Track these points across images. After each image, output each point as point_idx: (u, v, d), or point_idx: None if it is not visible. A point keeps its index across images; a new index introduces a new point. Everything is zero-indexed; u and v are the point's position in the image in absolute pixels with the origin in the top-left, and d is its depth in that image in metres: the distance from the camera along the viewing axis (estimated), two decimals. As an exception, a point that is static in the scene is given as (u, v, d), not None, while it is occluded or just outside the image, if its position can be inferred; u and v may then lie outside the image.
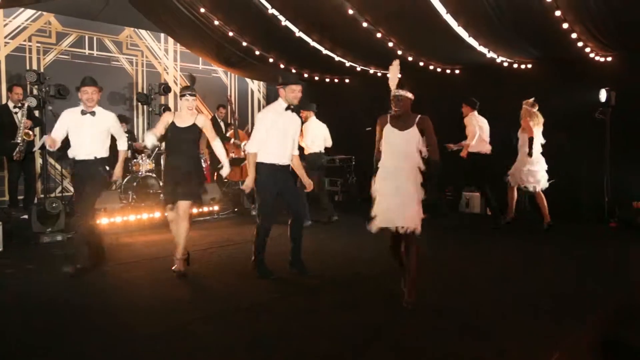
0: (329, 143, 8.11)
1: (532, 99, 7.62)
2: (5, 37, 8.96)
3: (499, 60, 8.59)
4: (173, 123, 5.10)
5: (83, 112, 5.38)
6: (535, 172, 7.51)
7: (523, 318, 3.99)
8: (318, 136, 7.91)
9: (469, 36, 7.76)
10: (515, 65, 8.75)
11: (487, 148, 7.69)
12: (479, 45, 8.03)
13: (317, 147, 7.90)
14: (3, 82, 8.87)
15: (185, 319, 3.95)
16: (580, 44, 7.30)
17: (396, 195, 4.14)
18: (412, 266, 4.19)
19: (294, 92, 5.05)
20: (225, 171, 5.31)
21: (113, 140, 5.71)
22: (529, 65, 8.68)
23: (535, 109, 7.58)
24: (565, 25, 6.79)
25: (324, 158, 8.20)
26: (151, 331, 3.69)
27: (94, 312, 4.11)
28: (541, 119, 7.56)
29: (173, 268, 5.11)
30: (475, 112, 7.74)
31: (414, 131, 4.22)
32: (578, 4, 6.36)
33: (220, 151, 5.35)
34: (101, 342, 3.52)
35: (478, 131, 7.58)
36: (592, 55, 7.76)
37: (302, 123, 6.56)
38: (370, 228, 4.22)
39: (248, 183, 5.04)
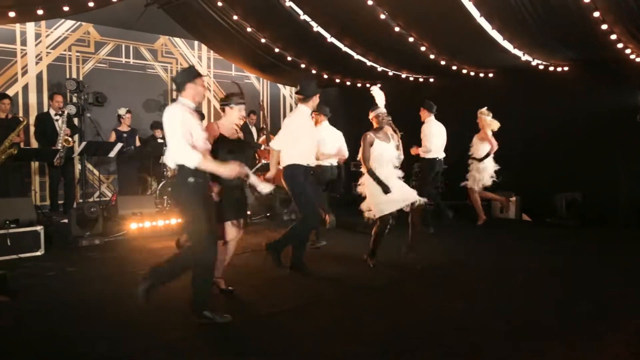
0: (344, 153, 6.80)
1: (485, 108, 7.85)
2: (47, 47, 9.26)
3: (534, 63, 8.44)
4: (222, 135, 4.52)
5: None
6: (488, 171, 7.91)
7: (564, 325, 3.89)
8: (328, 145, 6.67)
9: (504, 39, 7.65)
10: (551, 68, 8.58)
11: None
12: (514, 48, 7.90)
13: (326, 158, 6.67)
14: (45, 90, 9.17)
15: (213, 324, 3.95)
16: (620, 45, 7.11)
17: (400, 188, 5.38)
18: (417, 226, 5.47)
19: (315, 100, 5.41)
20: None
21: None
22: (566, 68, 8.50)
23: (490, 117, 7.80)
24: (604, 27, 6.63)
25: (333, 171, 6.97)
26: (183, 334, 3.74)
27: (128, 314, 4.18)
28: (497, 125, 7.81)
29: None
30: (432, 117, 7.58)
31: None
32: (618, 5, 6.20)
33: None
34: (135, 343, 3.59)
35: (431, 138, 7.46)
36: (632, 56, 7.55)
37: None
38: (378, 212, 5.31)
39: (270, 176, 5.15)
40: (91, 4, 7.60)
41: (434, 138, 7.46)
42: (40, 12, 7.40)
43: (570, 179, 8.28)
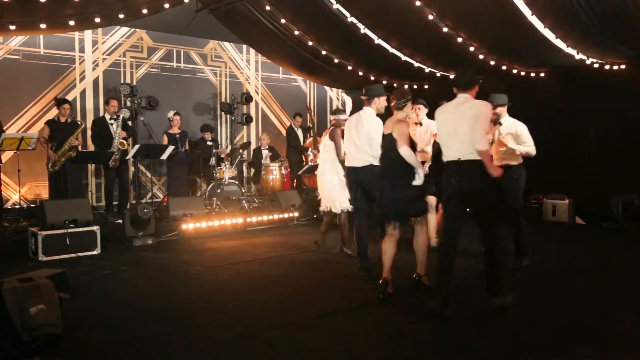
0: None
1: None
2: (103, 54, 9.63)
3: (588, 61, 8.15)
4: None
5: None
6: None
7: (604, 336, 3.76)
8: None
9: (556, 38, 7.43)
10: (607, 67, 8.27)
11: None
12: (567, 46, 7.67)
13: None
14: (101, 95, 9.54)
15: (265, 323, 4.05)
16: (681, 42, 6.80)
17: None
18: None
19: (382, 102, 5.37)
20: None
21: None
22: (622, 66, 8.17)
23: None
24: (663, 23, 6.36)
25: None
26: (231, 334, 3.82)
27: (180, 314, 4.31)
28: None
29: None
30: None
31: None
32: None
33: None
34: (182, 342, 3.68)
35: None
36: (695, 53, 7.20)
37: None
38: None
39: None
40: (145, 11, 7.87)
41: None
42: (97, 20, 7.72)
43: (628, 181, 7.97)
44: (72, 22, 7.54)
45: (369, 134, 5.24)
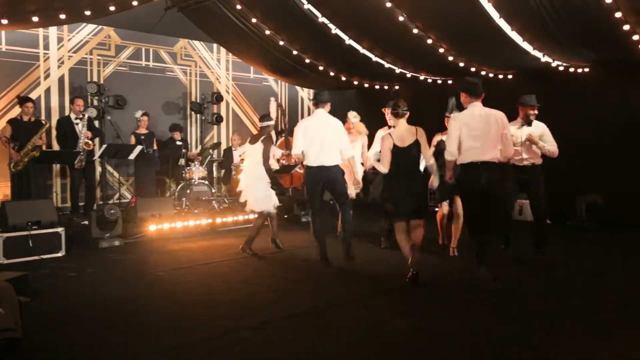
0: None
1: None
2: (69, 51, 9.41)
3: (554, 64, 8.33)
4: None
5: None
6: None
7: (580, 329, 3.84)
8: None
9: (523, 40, 7.57)
10: (572, 69, 8.47)
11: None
12: (533, 49, 7.82)
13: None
14: (67, 94, 9.32)
15: (235, 324, 4.01)
16: (642, 46, 7.00)
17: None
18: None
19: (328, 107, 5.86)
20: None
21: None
22: (586, 69, 8.38)
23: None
24: (626, 27, 6.52)
25: None
26: (200, 335, 3.77)
27: (147, 316, 4.23)
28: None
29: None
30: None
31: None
32: (640, 5, 6.11)
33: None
34: (149, 345, 3.62)
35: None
36: (655, 57, 7.42)
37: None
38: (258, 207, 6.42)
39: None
40: (112, 8, 7.71)
41: None
42: (62, 16, 7.53)
43: (591, 181, 8.16)
44: (35, 19, 7.34)
45: (339, 135, 5.61)
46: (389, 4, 7.38)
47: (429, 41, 8.17)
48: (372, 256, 6.27)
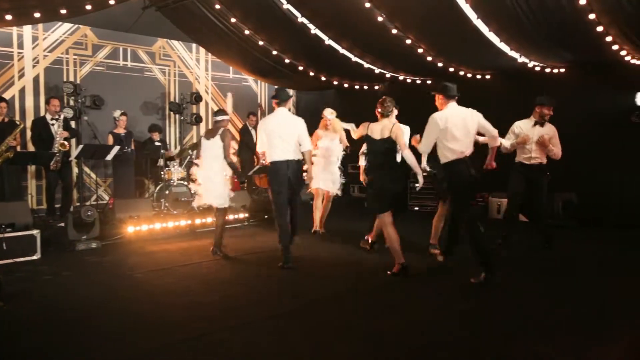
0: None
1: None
2: (44, 51, 9.25)
3: (530, 64, 8.45)
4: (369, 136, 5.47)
5: None
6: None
7: (558, 327, 3.89)
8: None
9: (500, 41, 7.66)
10: (548, 70, 8.60)
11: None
12: (510, 50, 7.92)
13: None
14: (42, 94, 9.15)
15: (215, 325, 3.98)
16: (615, 47, 7.13)
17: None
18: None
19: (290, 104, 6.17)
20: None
21: None
22: (562, 70, 8.51)
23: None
24: (599, 29, 6.64)
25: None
26: (179, 337, 3.73)
27: (124, 318, 4.18)
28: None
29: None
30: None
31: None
32: (613, 7, 6.21)
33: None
34: (127, 347, 3.58)
35: None
36: (627, 58, 7.56)
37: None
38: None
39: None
40: (88, 7, 7.58)
41: None
42: (37, 15, 7.38)
43: (567, 179, 8.28)
44: (9, 17, 7.18)
45: (301, 132, 5.82)
46: (368, 4, 7.40)
47: (408, 41, 8.22)
48: (355, 255, 6.29)
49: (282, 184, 5.75)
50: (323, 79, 10.83)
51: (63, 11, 7.46)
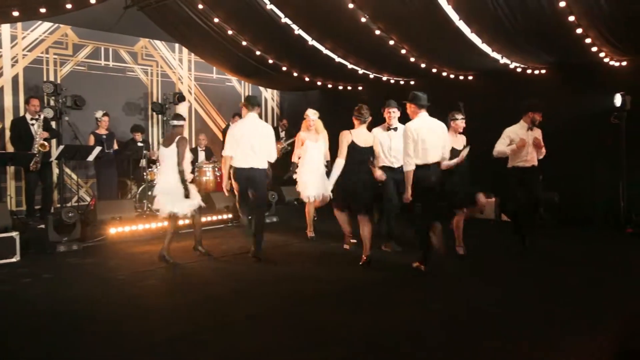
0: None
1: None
2: (24, 50, 9.12)
3: (512, 65, 8.54)
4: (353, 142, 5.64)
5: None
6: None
7: (536, 325, 3.93)
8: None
9: (482, 42, 7.73)
10: (529, 71, 8.69)
11: None
12: (492, 51, 7.99)
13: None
14: (21, 94, 9.02)
15: (195, 326, 3.97)
16: (594, 48, 7.24)
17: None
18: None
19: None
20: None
21: None
22: (543, 71, 8.62)
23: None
24: (579, 30, 6.73)
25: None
26: (160, 338, 3.72)
27: (106, 320, 4.14)
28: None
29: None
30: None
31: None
32: (592, 9, 6.31)
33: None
34: (107, 349, 3.54)
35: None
36: (606, 60, 7.68)
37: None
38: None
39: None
40: (69, 6, 7.49)
41: None
42: (15, 13, 7.27)
43: (547, 179, 8.37)
44: (-14, 16, 7.09)
45: (267, 140, 5.99)
46: (351, 5, 7.42)
47: (391, 42, 8.26)
48: (338, 253, 6.30)
49: (244, 192, 6.05)
50: (307, 79, 10.83)
51: (43, 10, 7.37)
